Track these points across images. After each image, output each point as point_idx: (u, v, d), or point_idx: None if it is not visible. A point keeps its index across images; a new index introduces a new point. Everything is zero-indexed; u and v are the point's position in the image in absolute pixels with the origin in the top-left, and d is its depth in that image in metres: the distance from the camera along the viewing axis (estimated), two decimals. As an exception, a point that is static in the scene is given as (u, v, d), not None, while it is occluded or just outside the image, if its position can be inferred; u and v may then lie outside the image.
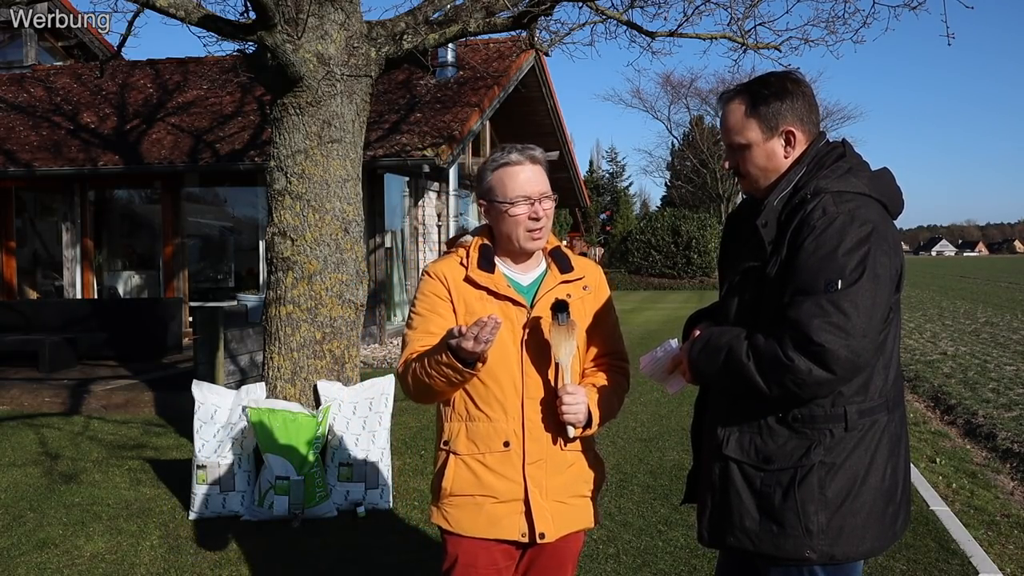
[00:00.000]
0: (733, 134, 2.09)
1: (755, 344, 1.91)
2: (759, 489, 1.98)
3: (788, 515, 1.94)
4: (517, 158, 2.21)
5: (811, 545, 1.93)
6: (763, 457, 1.98)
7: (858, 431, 1.95)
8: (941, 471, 5.84)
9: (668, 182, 50.50)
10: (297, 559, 4.17)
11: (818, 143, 2.07)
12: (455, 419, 2.26)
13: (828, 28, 7.14)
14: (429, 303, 2.26)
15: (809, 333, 1.82)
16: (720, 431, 2.05)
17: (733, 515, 2.01)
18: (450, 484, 2.23)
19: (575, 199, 23.05)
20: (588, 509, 2.33)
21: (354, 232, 5.27)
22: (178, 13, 4.95)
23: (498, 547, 2.23)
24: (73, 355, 9.86)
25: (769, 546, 1.97)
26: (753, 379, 1.90)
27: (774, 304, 1.93)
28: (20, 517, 4.81)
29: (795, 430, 1.96)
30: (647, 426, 7.07)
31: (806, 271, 1.87)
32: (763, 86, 2.06)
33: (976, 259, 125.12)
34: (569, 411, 2.16)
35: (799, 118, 2.05)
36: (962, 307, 20.33)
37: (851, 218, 1.89)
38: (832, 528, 1.93)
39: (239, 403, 4.87)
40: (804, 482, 1.93)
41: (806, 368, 1.83)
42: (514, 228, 2.22)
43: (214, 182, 13.66)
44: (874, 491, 1.96)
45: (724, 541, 2.04)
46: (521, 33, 7.40)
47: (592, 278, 2.36)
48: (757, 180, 2.10)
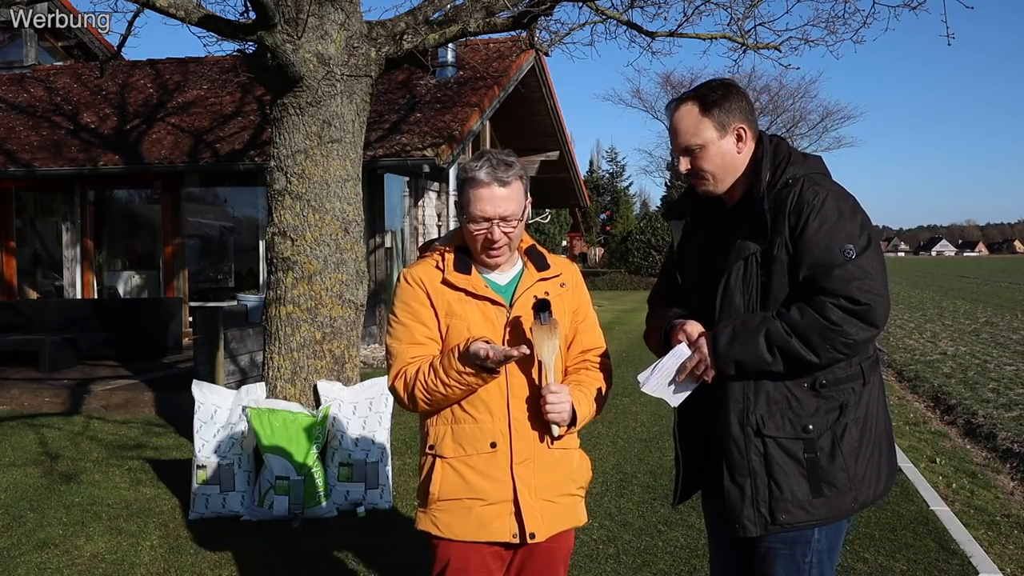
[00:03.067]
0: (689, 136, 2.21)
1: (791, 320, 2.02)
2: (804, 459, 2.09)
3: (838, 474, 2.08)
4: (484, 178, 2.16)
5: (855, 496, 2.11)
6: (801, 428, 2.09)
7: (871, 384, 2.14)
8: (941, 471, 5.84)
9: (668, 182, 50.44)
10: (297, 559, 4.17)
11: (765, 140, 2.22)
12: (440, 422, 2.24)
13: (828, 28, 7.15)
14: (410, 311, 2.25)
15: (852, 295, 1.97)
16: (750, 415, 2.12)
17: (783, 491, 2.09)
18: (438, 489, 2.22)
19: (575, 199, 23.04)
20: (577, 507, 2.33)
21: (354, 232, 5.27)
22: (178, 13, 4.95)
23: (489, 549, 2.22)
24: (73, 355, 9.85)
25: (824, 511, 2.10)
26: (799, 353, 2.01)
27: (787, 283, 2.06)
28: (20, 517, 4.81)
29: (823, 396, 2.09)
30: (647, 426, 7.07)
31: (819, 245, 2.02)
32: (709, 90, 2.21)
33: (976, 259, 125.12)
34: (553, 410, 2.16)
35: (746, 117, 2.21)
36: (962, 307, 20.33)
37: (836, 193, 2.08)
38: (868, 474, 2.12)
39: (239, 403, 4.87)
40: (844, 440, 2.08)
41: (854, 329, 1.98)
42: (472, 241, 2.23)
43: (214, 182, 13.65)
44: (885, 433, 2.17)
45: (776, 520, 2.11)
46: (521, 33, 7.40)
47: (569, 275, 2.36)
48: (715, 178, 2.22)
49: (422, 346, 2.23)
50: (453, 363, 2.11)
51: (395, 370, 2.24)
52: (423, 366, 2.19)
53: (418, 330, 2.24)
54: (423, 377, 2.16)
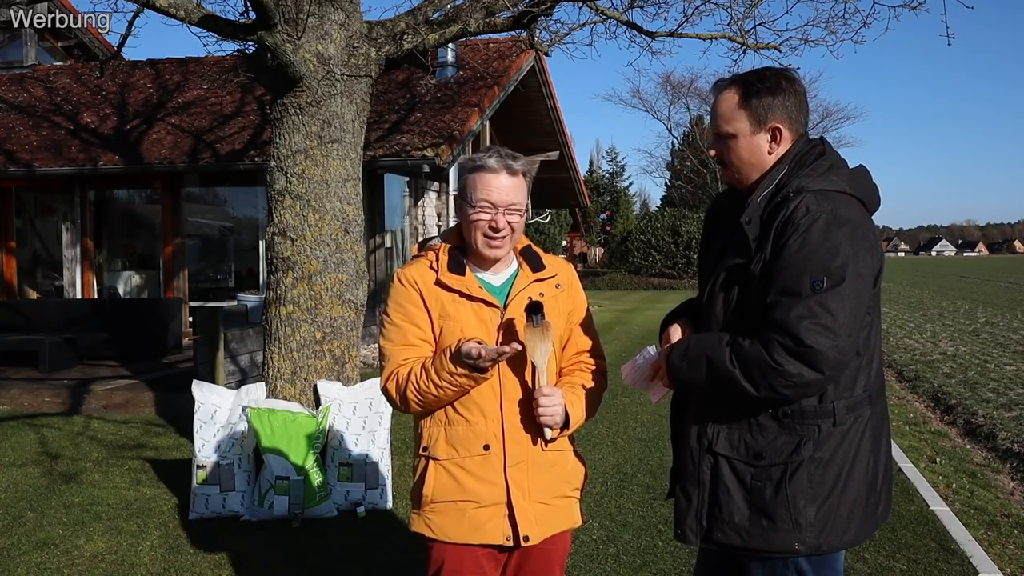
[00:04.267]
0: (722, 122, 2.10)
1: (739, 349, 1.92)
2: (749, 485, 1.99)
3: (779, 510, 1.96)
4: (494, 164, 2.17)
5: (800, 538, 1.96)
6: (753, 453, 1.99)
7: (844, 426, 1.98)
8: (941, 471, 5.83)
9: (668, 182, 50.49)
10: (297, 559, 4.17)
11: (800, 142, 2.09)
12: (434, 424, 2.24)
13: (828, 28, 7.15)
14: (404, 312, 2.24)
15: (799, 335, 1.83)
16: (709, 429, 2.05)
17: (723, 511, 2.02)
18: (431, 491, 2.22)
19: (575, 199, 23.03)
20: (572, 509, 2.32)
21: (354, 232, 5.27)
22: (178, 13, 4.95)
23: (483, 552, 2.21)
24: (73, 355, 9.85)
25: (759, 541, 1.99)
26: (740, 384, 1.91)
27: (758, 302, 1.94)
28: (20, 517, 4.81)
29: (785, 426, 1.97)
30: (647, 426, 7.07)
31: (791, 270, 1.88)
32: (758, 80, 2.08)
33: (976, 259, 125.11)
34: (545, 413, 2.16)
35: (788, 116, 2.07)
36: (962, 307, 20.33)
37: (834, 217, 1.90)
38: (819, 520, 1.96)
39: (239, 403, 4.87)
40: (795, 477, 1.95)
41: (796, 371, 1.85)
42: (473, 231, 2.21)
43: (214, 182, 13.65)
44: (858, 483, 2.00)
45: (711, 537, 2.05)
46: (521, 33, 7.41)
47: (564, 276, 2.35)
48: (739, 171, 2.12)
49: (415, 347, 2.23)
50: (445, 364, 2.11)
51: (387, 371, 2.24)
52: (415, 367, 2.18)
53: (411, 331, 2.23)
54: (415, 379, 2.16)
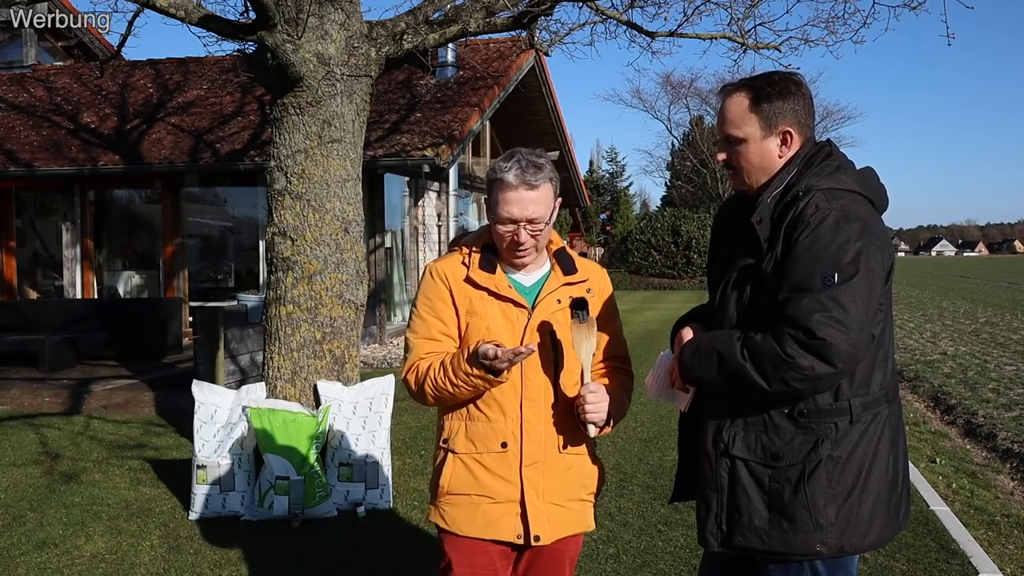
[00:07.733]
0: (731, 127, 2.08)
1: (751, 344, 1.92)
2: (768, 487, 1.99)
3: (799, 511, 1.95)
4: (513, 181, 2.14)
5: (821, 539, 1.95)
6: (771, 454, 1.99)
7: (862, 424, 1.97)
8: (941, 471, 5.83)
9: (668, 182, 50.45)
10: (297, 559, 4.17)
11: (808, 144, 2.09)
12: (455, 418, 2.26)
13: (828, 28, 7.17)
14: (430, 306, 2.26)
15: (811, 328, 1.83)
16: (724, 431, 2.04)
17: (742, 514, 2.01)
18: (447, 482, 2.23)
19: (575, 199, 23.05)
20: (586, 513, 2.32)
21: (354, 232, 5.27)
22: (178, 13, 4.95)
23: (494, 547, 2.22)
24: (73, 355, 9.85)
25: (779, 543, 1.98)
26: (752, 379, 1.91)
27: (770, 301, 1.95)
28: (20, 517, 4.81)
29: (801, 425, 1.97)
30: (647, 426, 7.07)
31: (802, 266, 1.89)
32: (768, 84, 2.07)
33: (976, 259, 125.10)
34: (591, 410, 2.14)
35: (798, 119, 2.06)
36: (962, 307, 20.33)
37: (843, 214, 1.91)
38: (840, 521, 1.95)
39: (239, 403, 4.87)
40: (813, 477, 1.95)
41: (808, 364, 1.84)
42: (499, 241, 2.22)
43: (214, 182, 13.66)
44: (878, 482, 1.99)
45: (732, 542, 2.04)
46: (521, 33, 7.41)
47: (596, 281, 2.34)
48: (748, 176, 2.10)
49: (437, 342, 2.24)
50: (461, 364, 2.12)
51: (408, 363, 2.26)
52: (435, 363, 2.19)
53: (435, 326, 2.25)
54: (433, 374, 2.17)
